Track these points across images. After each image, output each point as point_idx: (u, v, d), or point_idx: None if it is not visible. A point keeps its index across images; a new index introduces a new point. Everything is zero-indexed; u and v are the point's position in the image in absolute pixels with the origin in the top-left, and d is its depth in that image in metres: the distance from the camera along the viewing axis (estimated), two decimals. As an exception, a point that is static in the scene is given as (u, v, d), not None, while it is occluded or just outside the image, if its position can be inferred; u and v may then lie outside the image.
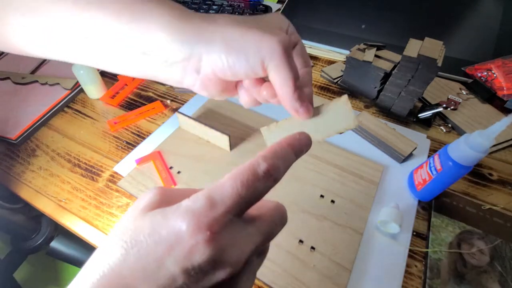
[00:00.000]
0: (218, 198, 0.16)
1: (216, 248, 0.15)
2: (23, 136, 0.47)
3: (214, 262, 0.15)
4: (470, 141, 0.30)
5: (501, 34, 0.61)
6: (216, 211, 0.16)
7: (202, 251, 0.15)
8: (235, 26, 0.21)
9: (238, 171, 0.17)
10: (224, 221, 0.16)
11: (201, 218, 0.15)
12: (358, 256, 0.34)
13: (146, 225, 0.16)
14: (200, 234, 0.15)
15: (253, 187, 0.17)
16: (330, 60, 0.63)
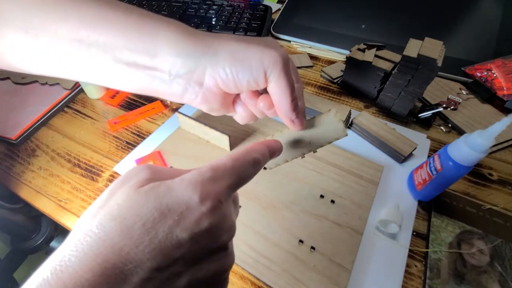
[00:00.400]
0: (222, 174, 0.18)
1: (221, 215, 0.17)
2: (23, 136, 0.47)
3: (218, 228, 0.17)
4: (470, 141, 0.30)
5: (501, 34, 0.61)
6: (220, 184, 0.18)
7: (210, 217, 0.16)
8: (239, 41, 0.22)
9: (236, 156, 0.20)
10: (225, 195, 0.18)
11: (209, 189, 0.17)
12: (358, 256, 0.34)
13: (150, 200, 0.16)
14: (209, 202, 0.17)
15: (246, 171, 0.20)
16: (330, 60, 0.63)
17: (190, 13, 0.71)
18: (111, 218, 0.15)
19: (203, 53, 0.22)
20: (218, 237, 0.17)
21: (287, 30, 0.68)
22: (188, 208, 0.16)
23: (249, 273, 0.33)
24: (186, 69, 0.22)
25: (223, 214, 0.18)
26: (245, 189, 0.39)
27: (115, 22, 0.21)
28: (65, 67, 0.23)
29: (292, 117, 0.24)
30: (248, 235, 0.35)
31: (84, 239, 0.15)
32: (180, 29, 0.22)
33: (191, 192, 0.17)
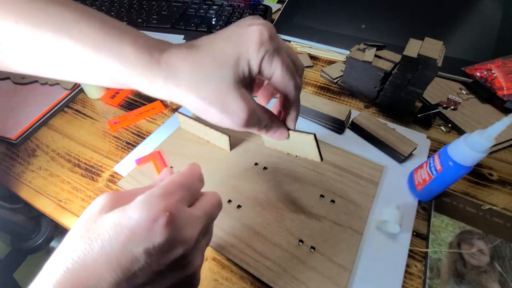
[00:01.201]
0: (171, 189, 0.20)
1: (173, 228, 0.18)
2: (23, 136, 0.47)
3: (171, 241, 0.18)
4: (470, 141, 0.30)
5: (501, 34, 0.61)
6: (170, 199, 0.19)
7: (161, 231, 0.18)
8: (197, 98, 0.22)
9: (182, 174, 0.23)
10: (178, 207, 0.19)
11: (158, 205, 0.19)
12: (358, 256, 0.34)
13: (107, 221, 0.18)
14: (159, 217, 0.18)
15: (193, 184, 0.23)
16: (330, 60, 0.63)
17: (190, 13, 0.71)
18: (80, 239, 0.18)
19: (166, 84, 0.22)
20: (174, 249, 0.18)
21: (287, 30, 0.68)
22: (139, 224, 0.17)
23: (249, 273, 0.33)
24: (156, 93, 0.22)
25: (176, 227, 0.19)
26: (245, 189, 0.39)
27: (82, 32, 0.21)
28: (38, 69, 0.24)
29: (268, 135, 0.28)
30: (248, 235, 0.35)
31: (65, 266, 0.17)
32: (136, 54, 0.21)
33: (141, 210, 0.18)
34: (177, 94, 0.22)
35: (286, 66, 0.24)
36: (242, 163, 0.42)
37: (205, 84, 0.21)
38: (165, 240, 0.18)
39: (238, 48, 0.22)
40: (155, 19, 0.68)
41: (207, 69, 0.21)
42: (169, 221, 0.18)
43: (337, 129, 0.47)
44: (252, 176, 0.41)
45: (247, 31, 0.22)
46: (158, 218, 0.18)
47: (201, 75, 0.21)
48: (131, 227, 0.18)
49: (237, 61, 0.22)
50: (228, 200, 0.38)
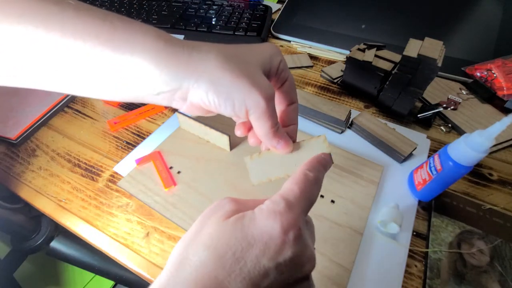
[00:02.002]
0: (294, 201, 0.19)
1: (302, 244, 0.18)
2: (23, 136, 0.47)
3: (300, 257, 0.17)
4: (470, 141, 0.30)
5: (501, 34, 0.61)
6: (295, 211, 0.18)
7: (292, 247, 0.17)
8: (225, 70, 0.21)
9: (299, 179, 0.21)
10: (302, 220, 0.19)
11: (288, 217, 0.18)
12: (358, 256, 0.34)
13: (237, 230, 0.17)
14: (291, 231, 0.17)
15: (312, 192, 0.21)
16: (330, 60, 0.63)
17: (190, 13, 0.71)
18: (204, 247, 0.17)
19: (185, 77, 0.20)
20: (301, 267, 0.18)
21: (287, 30, 0.68)
22: (271, 237, 0.17)
23: (249, 273, 0.33)
24: (169, 88, 0.20)
25: (304, 243, 0.18)
26: (245, 189, 0.39)
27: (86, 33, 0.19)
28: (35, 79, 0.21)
29: (273, 144, 0.25)
30: (248, 235, 0.35)
31: (183, 266, 0.16)
32: (158, 42, 0.20)
33: (272, 221, 0.17)
34: (209, 69, 0.20)
35: (292, 78, 0.26)
36: (242, 163, 0.42)
37: (234, 60, 0.21)
38: (295, 255, 0.17)
39: (261, 49, 0.24)
40: (155, 19, 0.68)
41: (238, 54, 0.22)
42: (299, 235, 0.18)
43: (337, 129, 0.47)
44: (252, 176, 0.41)
45: (264, 44, 0.24)
46: (289, 231, 0.17)
47: (232, 55, 0.21)
48: (264, 240, 0.17)
49: (265, 55, 0.23)
50: (228, 200, 0.38)
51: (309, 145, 0.28)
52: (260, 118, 0.22)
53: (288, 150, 0.26)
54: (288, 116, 0.27)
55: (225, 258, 0.16)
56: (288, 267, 0.17)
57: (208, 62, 0.20)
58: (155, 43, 0.20)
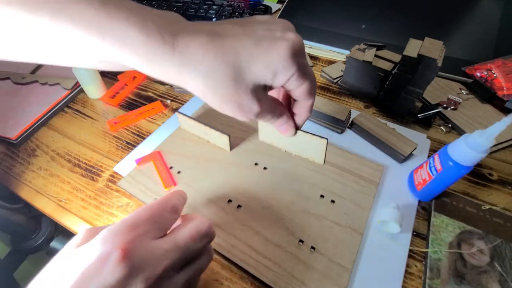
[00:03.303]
0: (133, 223, 0.20)
1: (128, 265, 0.18)
2: (23, 136, 0.47)
3: (128, 277, 0.18)
4: (470, 141, 0.30)
5: (501, 34, 0.61)
6: (130, 234, 0.19)
7: (113, 269, 0.18)
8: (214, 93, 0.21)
9: (150, 207, 0.23)
10: (136, 241, 0.19)
11: (113, 241, 0.19)
12: (358, 256, 0.34)
13: (78, 257, 0.19)
14: (112, 254, 0.18)
15: (162, 217, 0.22)
16: (330, 60, 0.63)
17: (190, 13, 0.71)
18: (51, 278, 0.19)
19: (178, 78, 0.20)
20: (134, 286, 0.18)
21: (287, 30, 0.67)
22: (92, 262, 0.18)
23: (249, 273, 0.33)
24: (164, 76, 0.20)
25: (132, 264, 0.18)
26: (245, 189, 0.39)
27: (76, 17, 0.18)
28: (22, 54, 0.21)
29: (275, 127, 0.27)
30: (248, 235, 0.35)
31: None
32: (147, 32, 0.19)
33: (96, 247, 0.19)
34: (190, 85, 0.20)
35: (310, 85, 0.23)
36: (242, 163, 0.42)
37: (224, 83, 0.20)
38: (119, 278, 0.18)
39: (267, 58, 0.20)
40: (155, 19, 0.68)
41: (230, 68, 0.20)
42: (122, 257, 0.18)
43: (337, 129, 0.47)
44: (252, 176, 0.41)
45: (281, 43, 0.20)
46: (110, 255, 0.18)
47: (222, 74, 0.20)
48: (85, 265, 0.18)
49: (264, 71, 0.20)
50: (228, 200, 0.38)
51: (310, 140, 0.30)
52: (259, 118, 0.24)
53: (287, 136, 0.28)
54: (298, 106, 0.26)
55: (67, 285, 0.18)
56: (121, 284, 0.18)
57: (195, 77, 0.20)
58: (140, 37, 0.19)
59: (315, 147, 0.30)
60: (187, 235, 0.22)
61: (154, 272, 0.19)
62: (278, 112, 0.25)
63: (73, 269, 0.18)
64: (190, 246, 0.22)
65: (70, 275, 0.18)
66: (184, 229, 0.23)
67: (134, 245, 0.19)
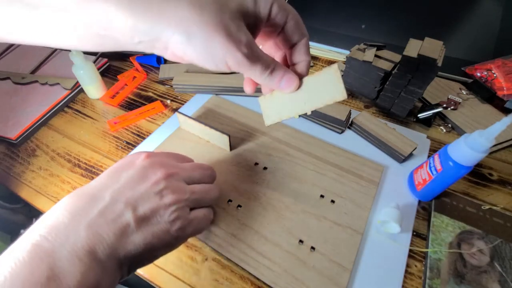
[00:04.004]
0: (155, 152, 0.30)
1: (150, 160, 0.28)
2: (23, 136, 0.47)
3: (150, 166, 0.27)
4: (470, 141, 0.30)
5: (501, 34, 0.61)
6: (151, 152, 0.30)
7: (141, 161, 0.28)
8: (200, 23, 0.19)
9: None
10: (156, 155, 0.30)
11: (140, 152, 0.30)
12: (358, 256, 0.34)
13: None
14: (140, 155, 0.29)
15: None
16: (330, 60, 0.63)
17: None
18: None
19: (163, 28, 0.20)
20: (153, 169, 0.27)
21: (287, 30, 0.67)
22: (130, 159, 0.28)
23: (249, 273, 0.33)
24: (148, 38, 0.20)
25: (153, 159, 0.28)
26: (245, 189, 0.39)
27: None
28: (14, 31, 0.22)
29: (274, 86, 0.25)
30: (248, 235, 0.35)
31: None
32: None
33: (129, 156, 0.29)
34: (174, 20, 0.19)
35: (297, 17, 0.24)
36: (242, 163, 0.42)
37: (209, 9, 0.20)
38: (145, 164, 0.27)
39: None
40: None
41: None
42: (146, 156, 0.28)
43: (337, 129, 0.47)
44: (252, 176, 0.41)
45: None
46: (138, 156, 0.28)
47: (202, 2, 0.20)
48: (120, 162, 0.28)
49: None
50: (228, 200, 0.38)
51: (319, 80, 0.25)
52: (246, 70, 0.22)
53: (292, 89, 0.25)
54: (295, 54, 0.26)
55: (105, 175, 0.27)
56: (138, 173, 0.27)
57: (181, 12, 0.19)
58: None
59: (328, 82, 0.25)
60: (194, 164, 0.32)
61: (169, 170, 0.27)
62: (269, 60, 0.23)
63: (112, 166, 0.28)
64: (195, 169, 0.31)
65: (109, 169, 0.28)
66: (192, 162, 0.32)
67: (154, 155, 0.29)
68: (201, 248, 0.35)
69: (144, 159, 0.28)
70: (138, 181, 0.26)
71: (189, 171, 0.30)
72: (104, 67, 0.61)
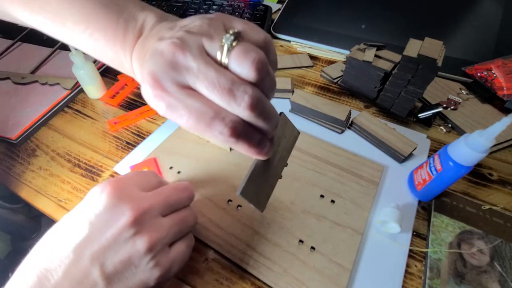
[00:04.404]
0: (125, 178, 0.26)
1: (116, 197, 0.24)
2: (23, 136, 0.47)
3: (114, 206, 0.23)
4: (470, 141, 0.30)
5: (501, 34, 0.61)
6: (121, 181, 0.25)
7: (104, 198, 0.24)
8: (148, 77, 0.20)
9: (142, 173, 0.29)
10: (124, 186, 0.25)
11: (108, 181, 0.25)
12: (358, 256, 0.34)
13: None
14: (105, 188, 0.24)
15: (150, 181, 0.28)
16: (330, 60, 0.63)
17: (190, 13, 0.71)
18: None
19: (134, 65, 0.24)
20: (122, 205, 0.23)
21: (287, 30, 0.68)
22: (93, 193, 0.25)
23: (249, 273, 0.33)
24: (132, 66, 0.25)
25: (119, 195, 0.24)
26: (245, 189, 0.39)
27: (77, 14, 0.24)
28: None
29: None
30: (248, 235, 0.35)
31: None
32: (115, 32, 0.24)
33: (95, 187, 0.25)
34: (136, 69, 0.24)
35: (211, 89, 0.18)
36: (242, 163, 0.42)
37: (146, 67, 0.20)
38: (108, 203, 0.23)
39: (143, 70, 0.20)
40: (155, 19, 0.68)
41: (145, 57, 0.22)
42: (112, 191, 0.24)
43: (337, 129, 0.47)
44: (252, 176, 0.41)
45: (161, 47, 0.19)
46: (104, 189, 0.24)
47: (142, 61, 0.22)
48: (83, 200, 0.24)
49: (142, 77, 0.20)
50: (228, 200, 0.38)
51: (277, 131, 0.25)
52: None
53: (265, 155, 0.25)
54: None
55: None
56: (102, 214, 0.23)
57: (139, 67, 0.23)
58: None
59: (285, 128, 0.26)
60: (167, 187, 0.27)
61: (140, 206, 0.23)
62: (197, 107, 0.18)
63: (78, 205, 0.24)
64: (170, 194, 0.26)
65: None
66: (165, 186, 0.28)
67: (121, 186, 0.24)
68: (201, 248, 0.35)
69: (108, 196, 0.23)
70: (103, 228, 0.22)
71: (164, 199, 0.25)
72: (104, 67, 0.61)
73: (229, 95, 0.17)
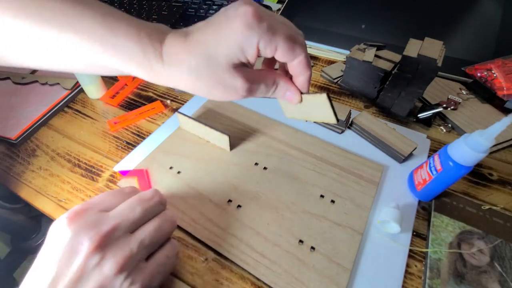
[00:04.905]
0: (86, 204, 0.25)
1: (72, 228, 0.23)
2: (23, 136, 0.47)
3: (72, 239, 0.22)
4: (470, 141, 0.30)
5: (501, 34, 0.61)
6: (80, 208, 0.24)
7: (62, 232, 0.23)
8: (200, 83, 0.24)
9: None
10: (84, 213, 0.24)
11: (67, 213, 0.24)
12: (358, 256, 0.34)
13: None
14: (61, 219, 0.24)
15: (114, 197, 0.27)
16: (330, 60, 0.63)
17: (190, 13, 0.71)
18: None
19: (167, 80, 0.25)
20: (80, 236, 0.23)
21: (287, 30, 0.67)
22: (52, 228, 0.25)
23: (249, 273, 0.33)
24: (159, 80, 0.26)
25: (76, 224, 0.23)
26: (245, 189, 0.39)
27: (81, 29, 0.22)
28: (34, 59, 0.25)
29: (279, 99, 0.29)
30: (248, 235, 0.35)
31: None
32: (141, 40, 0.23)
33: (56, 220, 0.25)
34: (181, 84, 0.24)
35: (287, 42, 0.23)
36: (242, 163, 0.42)
37: (203, 72, 0.23)
38: (66, 239, 0.22)
39: (228, 38, 0.22)
40: (155, 19, 0.68)
41: (200, 58, 0.23)
42: (69, 222, 0.23)
43: (337, 129, 0.47)
44: (252, 176, 0.41)
45: (234, 19, 0.22)
46: (60, 221, 0.24)
47: (197, 65, 0.23)
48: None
49: (231, 49, 0.22)
50: (228, 200, 0.38)
51: (314, 100, 0.28)
52: (251, 97, 0.25)
53: (295, 102, 0.28)
54: (294, 69, 0.26)
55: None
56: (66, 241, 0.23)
57: (181, 75, 0.24)
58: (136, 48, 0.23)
59: (322, 106, 0.28)
60: (129, 201, 0.26)
61: (100, 230, 0.22)
62: (271, 81, 0.26)
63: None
64: (135, 206, 0.25)
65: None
66: (128, 200, 0.26)
67: (81, 215, 0.23)
68: (201, 248, 0.35)
69: (67, 229, 0.22)
70: (68, 262, 0.21)
71: (128, 214, 0.25)
72: (104, 67, 0.61)
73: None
